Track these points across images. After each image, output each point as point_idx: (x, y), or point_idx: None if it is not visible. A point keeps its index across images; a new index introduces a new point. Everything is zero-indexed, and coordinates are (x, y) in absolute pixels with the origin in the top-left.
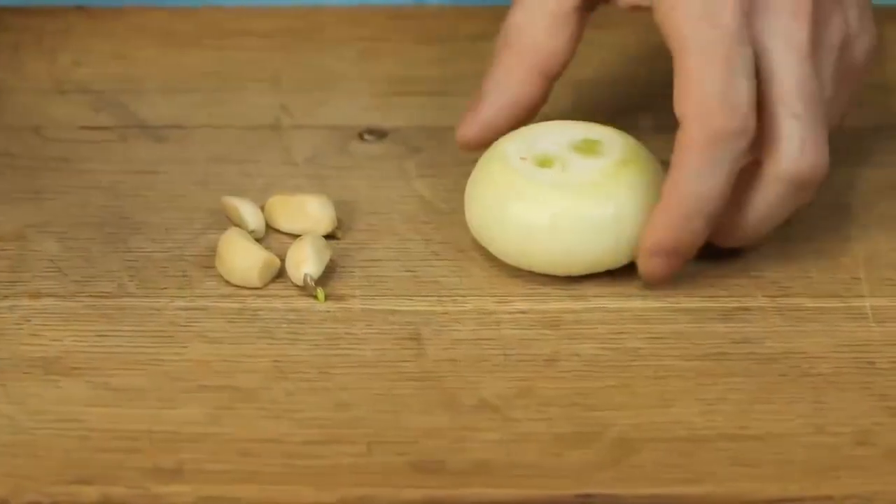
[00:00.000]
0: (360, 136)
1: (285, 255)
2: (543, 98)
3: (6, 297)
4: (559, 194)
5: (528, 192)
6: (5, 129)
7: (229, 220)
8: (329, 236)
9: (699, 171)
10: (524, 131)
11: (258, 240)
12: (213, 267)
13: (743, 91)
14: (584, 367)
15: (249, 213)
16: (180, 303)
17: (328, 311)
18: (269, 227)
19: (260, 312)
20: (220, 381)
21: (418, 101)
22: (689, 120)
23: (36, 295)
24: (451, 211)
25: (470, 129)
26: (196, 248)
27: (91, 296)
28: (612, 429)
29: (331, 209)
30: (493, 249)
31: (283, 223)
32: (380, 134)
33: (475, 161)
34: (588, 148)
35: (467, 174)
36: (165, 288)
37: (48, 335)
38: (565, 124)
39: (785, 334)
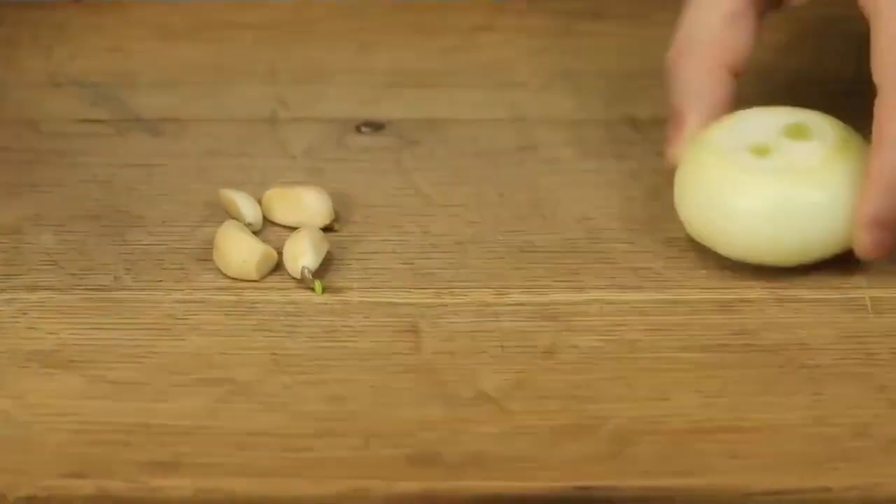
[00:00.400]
0: (357, 129)
1: (283, 247)
2: (735, 94)
3: (2, 290)
4: (781, 182)
5: (750, 182)
6: (2, 123)
7: (227, 213)
8: (326, 229)
9: None
10: (728, 121)
11: (256, 233)
12: (210, 260)
13: None
14: (582, 359)
15: (247, 206)
16: (177, 296)
17: (325, 304)
18: (267, 220)
19: (257, 305)
20: (216, 374)
21: (415, 93)
22: (887, 86)
23: (32, 288)
24: (448, 203)
25: (681, 146)
26: (193, 241)
27: (87, 289)
28: (610, 421)
29: (327, 201)
30: (714, 245)
31: (281, 216)
32: (377, 126)
33: (474, 153)
34: (798, 132)
35: (464, 167)
36: (162, 281)
37: (44, 328)
38: (765, 110)
39: (784, 326)
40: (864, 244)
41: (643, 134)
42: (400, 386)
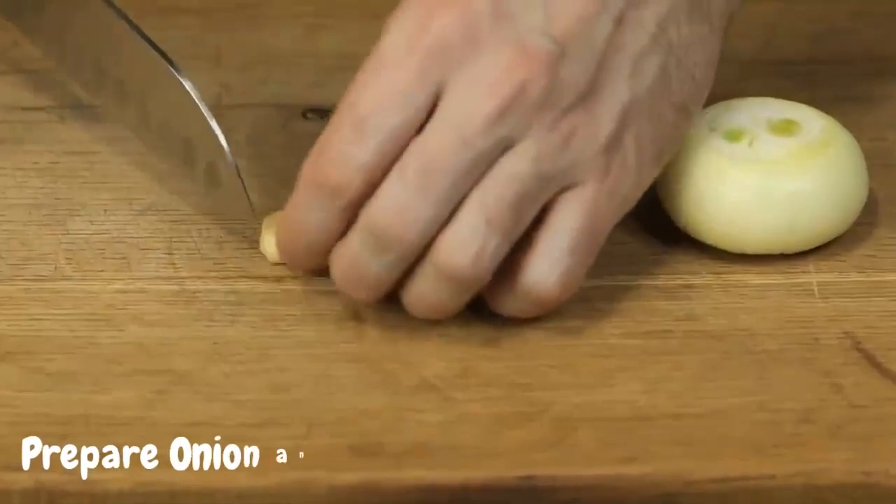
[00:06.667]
0: (303, 115)
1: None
2: None
3: None
4: (761, 172)
5: (731, 171)
6: None
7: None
8: None
9: (300, 204)
10: (717, 109)
11: None
12: (150, 249)
13: (363, 154)
14: (525, 347)
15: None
16: (118, 285)
17: (268, 293)
18: None
19: (198, 295)
20: (156, 365)
21: None
22: (310, 158)
23: None
24: None
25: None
26: (134, 230)
27: (27, 279)
28: (553, 408)
29: None
30: (691, 228)
31: None
32: (322, 112)
33: None
34: (784, 128)
35: None
36: (103, 271)
37: None
38: (755, 101)
39: (729, 311)
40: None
41: None
42: (342, 374)
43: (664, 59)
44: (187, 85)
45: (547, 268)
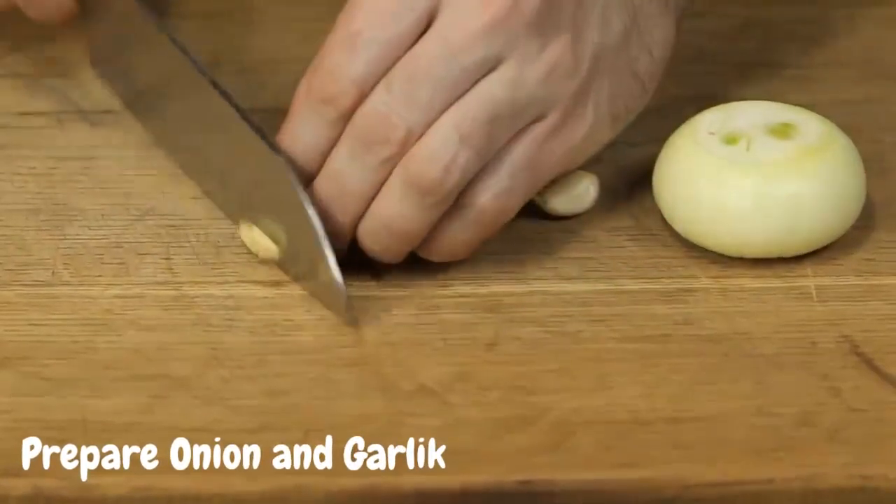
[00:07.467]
0: None
1: None
2: None
3: None
4: (758, 176)
5: (728, 175)
6: None
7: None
8: None
9: (295, 116)
10: (714, 113)
11: None
12: (148, 253)
13: (356, 67)
14: (524, 351)
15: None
16: (115, 291)
17: (266, 298)
18: None
19: (196, 300)
20: (154, 370)
21: None
22: (307, 73)
23: None
24: None
25: None
26: (132, 235)
27: (24, 285)
28: (552, 412)
29: None
30: (687, 232)
31: None
32: None
33: None
34: (781, 131)
35: None
36: (100, 276)
37: None
38: (751, 104)
39: (728, 315)
40: None
41: None
42: (340, 379)
43: (628, 23)
44: (302, 195)
45: (486, 184)
